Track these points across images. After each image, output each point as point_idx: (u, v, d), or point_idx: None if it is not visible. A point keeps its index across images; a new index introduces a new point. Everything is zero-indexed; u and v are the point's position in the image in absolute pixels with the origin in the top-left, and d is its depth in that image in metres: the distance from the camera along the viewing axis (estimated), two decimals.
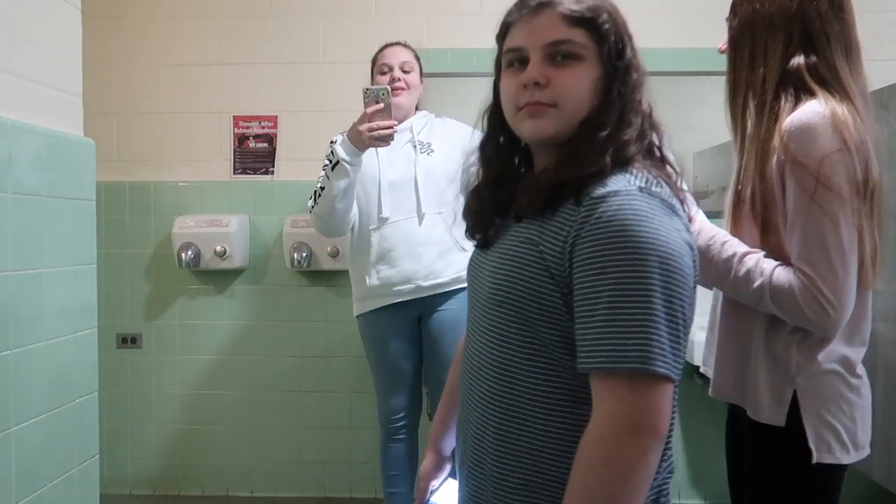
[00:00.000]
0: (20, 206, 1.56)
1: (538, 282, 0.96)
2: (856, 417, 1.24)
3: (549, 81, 1.00)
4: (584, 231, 0.92)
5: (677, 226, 0.93)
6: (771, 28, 1.25)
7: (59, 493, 1.70)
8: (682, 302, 0.91)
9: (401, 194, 2.25)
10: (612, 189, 0.93)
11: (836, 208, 1.15)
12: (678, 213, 0.95)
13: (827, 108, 1.17)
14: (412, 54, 2.37)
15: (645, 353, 0.87)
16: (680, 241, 0.92)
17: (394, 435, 2.40)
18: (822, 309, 1.16)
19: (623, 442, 0.88)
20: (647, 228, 0.89)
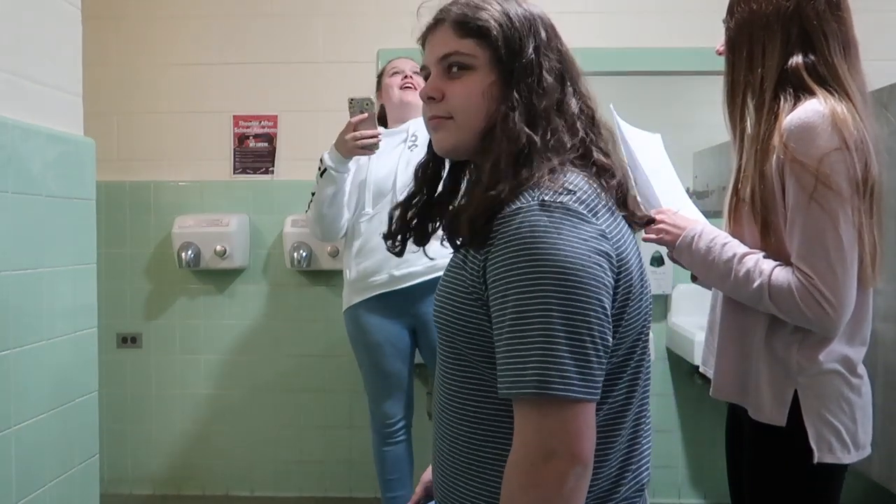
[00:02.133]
0: (20, 205, 1.56)
1: (466, 306, 0.94)
2: (856, 417, 1.24)
3: (443, 95, 1.00)
4: (491, 253, 0.90)
5: (584, 235, 0.88)
6: (768, 28, 1.25)
7: (59, 493, 1.70)
8: (587, 316, 0.86)
9: (384, 189, 2.28)
10: (516, 206, 0.90)
11: (836, 207, 1.15)
12: (589, 220, 0.90)
13: (826, 107, 1.17)
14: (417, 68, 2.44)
15: (541, 376, 0.84)
16: (585, 251, 0.87)
17: (389, 439, 2.39)
18: (822, 308, 1.16)
19: (537, 468, 0.85)
20: (543, 244, 0.86)
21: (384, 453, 2.40)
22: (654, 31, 2.93)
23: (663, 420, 2.98)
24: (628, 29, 2.94)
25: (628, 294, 0.92)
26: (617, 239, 0.92)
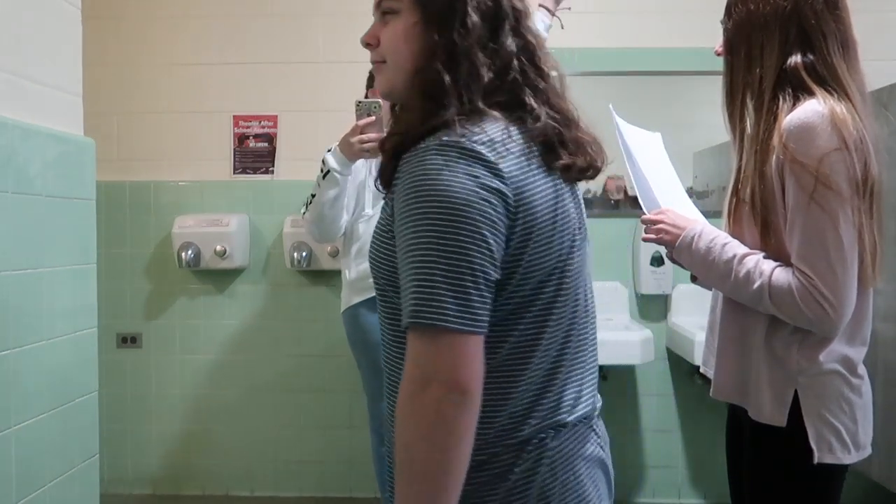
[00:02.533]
0: (20, 205, 1.56)
1: (386, 245, 0.97)
2: (857, 417, 1.24)
3: (378, 41, 1.03)
4: (395, 192, 0.93)
5: (476, 173, 0.88)
6: (766, 28, 1.25)
7: (59, 493, 1.70)
8: (468, 251, 0.86)
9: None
10: (418, 147, 0.92)
11: (836, 207, 1.15)
12: (484, 159, 0.89)
13: (825, 107, 1.17)
14: None
15: (417, 306, 0.86)
16: (473, 188, 0.87)
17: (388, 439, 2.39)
18: (822, 309, 1.16)
19: (417, 396, 0.87)
20: (432, 181, 0.88)
21: (383, 453, 2.40)
22: (654, 31, 2.93)
23: (663, 420, 2.98)
24: (628, 29, 2.94)
25: (528, 234, 0.92)
26: (519, 180, 0.92)
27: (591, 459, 1.01)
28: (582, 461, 0.99)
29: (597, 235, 2.91)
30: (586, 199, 2.95)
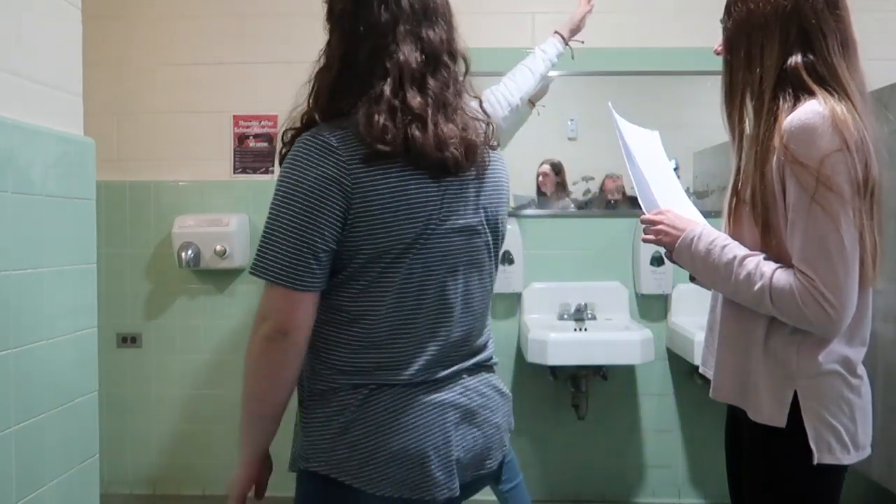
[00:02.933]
0: (20, 205, 1.56)
1: None
2: (856, 418, 1.24)
3: None
4: None
5: (325, 162, 1.08)
6: (767, 28, 1.24)
7: (59, 493, 1.70)
8: (298, 222, 1.07)
9: None
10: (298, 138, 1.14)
11: (837, 208, 1.15)
12: (335, 154, 1.08)
13: (826, 108, 1.17)
14: None
15: (255, 261, 1.10)
16: (316, 175, 1.08)
17: None
18: (823, 311, 1.16)
19: (253, 332, 1.13)
20: (289, 166, 1.11)
21: None
22: (654, 31, 2.93)
23: (663, 420, 2.98)
24: (628, 29, 2.94)
25: (362, 218, 1.08)
26: (361, 173, 1.08)
27: (408, 424, 1.13)
28: (402, 418, 1.13)
29: (597, 235, 2.94)
30: (586, 200, 2.95)
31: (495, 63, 2.94)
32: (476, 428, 1.19)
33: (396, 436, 1.12)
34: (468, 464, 1.18)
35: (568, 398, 2.89)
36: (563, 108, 2.92)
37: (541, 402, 2.97)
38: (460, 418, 1.17)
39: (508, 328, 2.96)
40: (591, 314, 2.86)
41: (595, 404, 2.89)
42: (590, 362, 2.66)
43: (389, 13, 1.13)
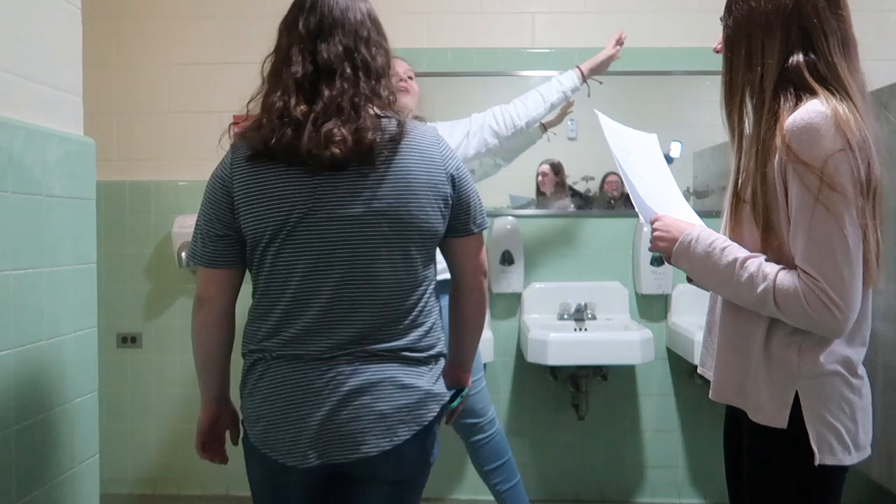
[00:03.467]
0: (20, 205, 1.56)
1: None
2: (857, 418, 1.24)
3: None
4: None
5: (221, 164, 1.37)
6: (768, 26, 1.24)
7: (59, 492, 1.70)
8: (204, 216, 1.39)
9: None
10: None
11: (841, 208, 1.14)
12: (234, 155, 1.35)
13: (828, 108, 1.16)
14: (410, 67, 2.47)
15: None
16: (213, 175, 1.37)
17: None
18: (828, 311, 1.15)
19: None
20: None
21: None
22: (654, 31, 2.93)
23: (663, 420, 2.98)
24: (628, 29, 2.94)
25: (241, 208, 1.31)
26: (241, 169, 1.31)
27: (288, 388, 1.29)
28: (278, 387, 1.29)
29: (597, 235, 2.94)
30: (586, 198, 2.96)
31: (495, 63, 2.95)
32: (344, 410, 1.26)
33: (267, 403, 1.30)
34: (334, 442, 1.26)
35: (568, 398, 2.89)
36: None
37: (541, 402, 2.97)
38: (326, 397, 1.26)
39: (508, 328, 2.96)
40: (591, 314, 2.86)
41: (595, 404, 2.89)
42: (590, 362, 2.66)
43: (289, 37, 1.36)
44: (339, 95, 1.27)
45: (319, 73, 1.29)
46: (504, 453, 2.37)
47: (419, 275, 1.33)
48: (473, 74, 2.93)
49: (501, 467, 2.37)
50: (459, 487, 3.01)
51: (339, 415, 1.26)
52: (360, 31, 1.35)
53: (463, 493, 3.01)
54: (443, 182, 1.33)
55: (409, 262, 1.31)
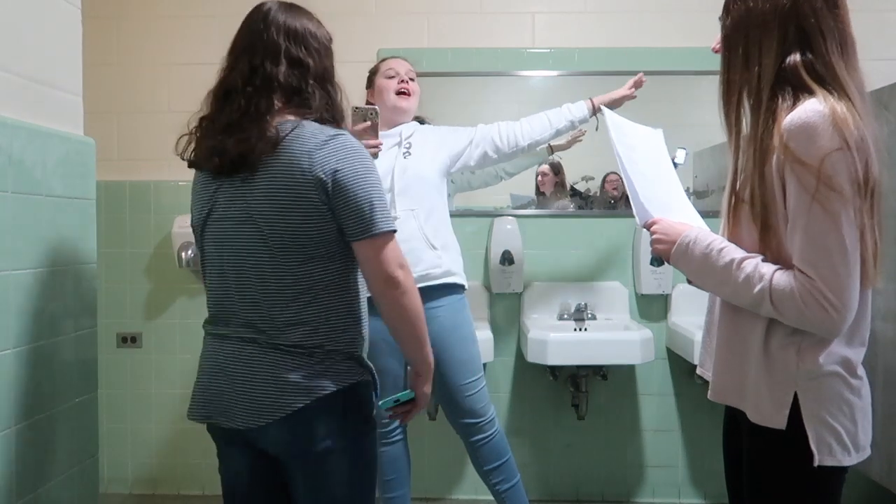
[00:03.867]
0: (20, 205, 1.56)
1: None
2: (856, 419, 1.23)
3: None
4: None
5: None
6: (765, 26, 1.24)
7: (59, 492, 1.70)
8: None
9: None
10: None
11: (839, 208, 1.14)
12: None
13: (826, 107, 1.16)
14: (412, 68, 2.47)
15: None
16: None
17: (384, 439, 2.37)
18: (825, 311, 1.15)
19: None
20: None
21: (381, 454, 2.39)
22: (654, 31, 2.93)
23: (663, 420, 2.98)
24: (628, 29, 2.95)
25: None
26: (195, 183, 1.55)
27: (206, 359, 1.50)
28: (204, 358, 1.51)
29: (597, 235, 2.94)
30: (587, 198, 2.96)
31: (495, 63, 2.95)
32: (223, 382, 1.44)
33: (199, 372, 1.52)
34: (216, 410, 1.45)
35: (568, 398, 2.89)
36: None
37: (541, 402, 2.97)
38: (211, 369, 1.47)
39: (508, 328, 2.96)
40: (591, 314, 2.86)
41: (595, 404, 2.89)
42: (590, 362, 2.66)
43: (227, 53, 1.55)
44: (236, 110, 1.44)
45: (227, 88, 1.48)
46: (504, 453, 2.37)
47: (298, 273, 1.41)
48: (473, 74, 2.93)
49: (501, 467, 2.37)
50: (459, 487, 3.01)
51: (225, 387, 1.44)
52: (272, 48, 1.47)
53: (463, 493, 3.01)
54: (310, 187, 1.38)
55: (283, 262, 1.40)
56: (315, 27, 1.55)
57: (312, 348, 1.42)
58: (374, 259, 1.43)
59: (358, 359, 1.49)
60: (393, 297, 1.45)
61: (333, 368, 1.43)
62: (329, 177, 1.38)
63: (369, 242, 1.41)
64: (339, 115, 1.49)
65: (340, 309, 1.46)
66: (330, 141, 1.41)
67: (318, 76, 1.49)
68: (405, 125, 2.40)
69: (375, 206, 1.41)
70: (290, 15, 1.52)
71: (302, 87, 1.46)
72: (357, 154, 1.42)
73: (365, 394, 1.49)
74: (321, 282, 1.43)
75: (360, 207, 1.40)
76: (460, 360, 2.29)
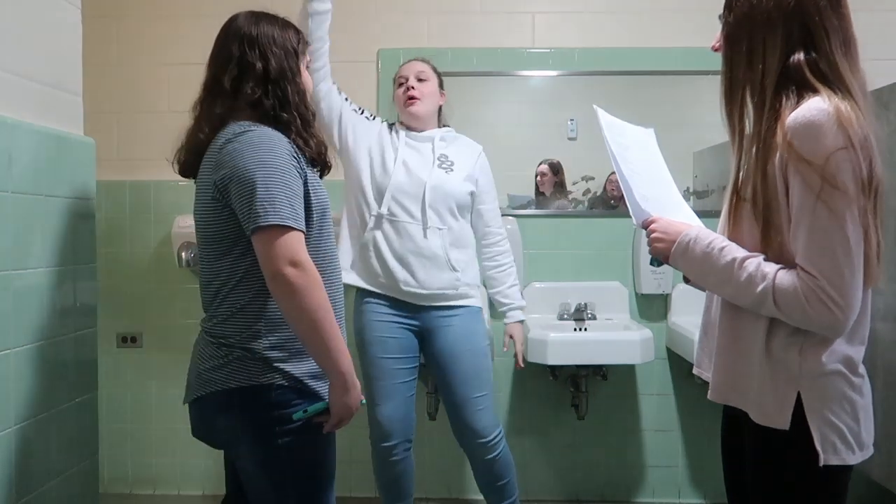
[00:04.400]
0: (20, 205, 1.56)
1: None
2: (859, 417, 1.23)
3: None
4: None
5: None
6: (769, 24, 1.23)
7: (59, 492, 1.70)
8: None
9: (408, 199, 2.26)
10: None
11: (843, 207, 1.13)
12: None
13: (830, 106, 1.15)
14: (429, 66, 2.42)
15: None
16: None
17: (387, 457, 2.31)
18: (829, 311, 1.15)
19: None
20: None
21: (382, 471, 2.36)
22: (653, 31, 2.93)
23: (663, 420, 2.98)
24: (628, 29, 2.94)
25: None
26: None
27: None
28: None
29: (597, 235, 2.94)
30: (586, 199, 2.96)
31: (495, 63, 2.95)
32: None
33: None
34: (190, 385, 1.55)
35: (568, 398, 2.89)
36: (563, 108, 2.92)
37: (541, 402, 2.97)
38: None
39: None
40: (591, 314, 2.86)
41: (595, 404, 2.89)
42: (590, 362, 2.66)
43: None
44: (198, 117, 1.58)
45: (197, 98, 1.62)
46: (506, 474, 2.34)
47: (215, 268, 1.48)
48: (473, 74, 2.92)
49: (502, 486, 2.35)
50: (459, 487, 3.01)
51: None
52: (226, 57, 1.54)
53: (463, 494, 3.01)
54: (212, 185, 1.47)
55: (205, 257, 1.51)
56: (279, 31, 1.57)
57: (221, 341, 1.47)
58: (262, 254, 1.39)
59: (266, 360, 1.44)
60: (283, 295, 1.39)
61: (234, 365, 1.45)
62: (222, 174, 1.43)
63: (257, 237, 1.39)
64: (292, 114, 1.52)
65: (249, 307, 1.45)
66: (233, 139, 1.44)
67: (275, 78, 1.52)
68: (440, 132, 2.39)
69: (262, 199, 1.37)
70: (251, 22, 1.56)
71: (247, 91, 1.50)
72: (252, 148, 1.42)
73: (277, 398, 1.44)
74: (232, 278, 1.46)
75: (247, 201, 1.40)
76: (467, 373, 2.27)
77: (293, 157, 1.45)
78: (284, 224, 1.38)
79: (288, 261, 1.37)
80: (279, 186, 1.40)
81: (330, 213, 1.59)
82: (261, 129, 1.45)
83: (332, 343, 1.41)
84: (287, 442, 1.45)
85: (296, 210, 1.41)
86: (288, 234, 1.38)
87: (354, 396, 1.47)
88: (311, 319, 1.39)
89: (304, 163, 1.49)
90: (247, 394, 1.44)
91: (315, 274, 1.40)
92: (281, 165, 1.41)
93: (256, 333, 1.45)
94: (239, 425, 1.47)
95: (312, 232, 1.49)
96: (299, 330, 1.41)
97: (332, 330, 1.41)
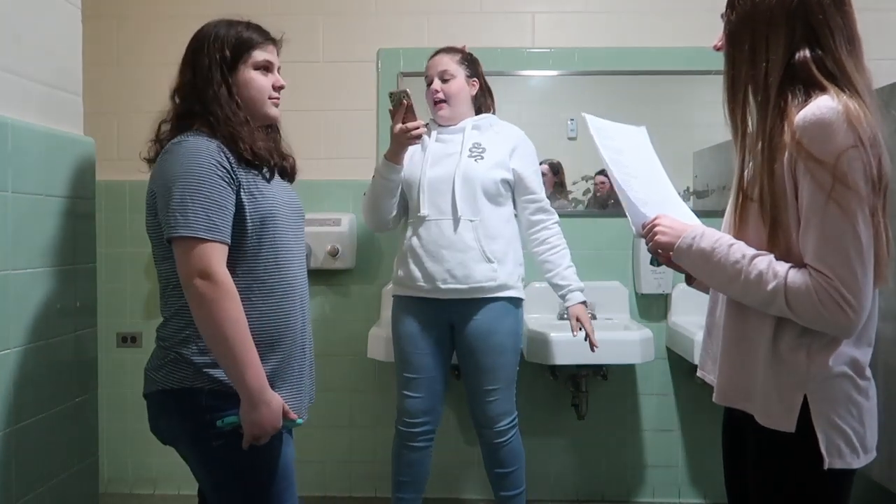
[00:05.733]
0: (20, 205, 1.56)
1: None
2: (864, 420, 1.22)
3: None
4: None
5: None
6: (772, 21, 1.22)
7: (59, 492, 1.70)
8: None
9: (439, 195, 2.27)
10: None
11: (854, 206, 1.12)
12: None
13: (839, 104, 1.14)
14: (455, 59, 2.38)
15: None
16: None
17: (409, 441, 2.35)
18: (841, 310, 1.14)
19: None
20: None
21: (402, 455, 2.37)
22: (654, 31, 2.93)
23: (663, 420, 2.98)
24: (628, 29, 2.94)
25: None
26: None
27: None
28: None
29: (597, 235, 2.94)
30: (586, 199, 2.96)
31: (495, 63, 2.95)
32: None
33: None
34: None
35: (568, 398, 2.89)
36: (563, 108, 2.91)
37: (541, 402, 2.96)
38: None
39: None
40: (592, 314, 2.86)
41: (595, 404, 2.89)
42: (590, 362, 2.65)
43: None
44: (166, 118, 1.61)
45: None
46: (513, 462, 2.36)
47: (160, 270, 1.54)
48: None
49: (509, 475, 2.36)
50: (459, 487, 3.01)
51: None
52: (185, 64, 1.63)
53: (463, 493, 3.00)
54: (150, 194, 1.49)
55: (155, 258, 1.55)
56: (223, 30, 1.64)
57: (160, 343, 1.54)
58: (177, 264, 1.41)
59: (194, 365, 1.45)
60: (193, 305, 1.38)
61: (169, 367, 1.49)
62: (152, 184, 1.47)
63: (174, 247, 1.41)
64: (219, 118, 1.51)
65: (182, 311, 1.47)
66: (167, 150, 1.48)
67: (201, 86, 1.57)
68: (471, 121, 2.36)
69: (175, 209, 1.38)
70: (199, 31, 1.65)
71: (177, 101, 1.61)
72: (175, 158, 1.44)
73: (206, 402, 1.45)
74: (170, 282, 1.50)
75: (164, 211, 1.41)
76: (483, 368, 2.28)
77: (220, 167, 1.42)
78: (195, 236, 1.37)
79: (198, 272, 1.37)
80: (195, 197, 1.38)
81: (286, 218, 1.54)
82: (191, 140, 1.46)
83: (241, 357, 1.38)
84: (221, 444, 1.46)
85: (212, 220, 1.38)
86: (201, 246, 1.37)
87: (265, 414, 1.40)
88: (219, 332, 1.37)
89: (239, 170, 1.46)
90: (180, 396, 1.47)
91: (228, 286, 1.38)
92: (201, 175, 1.40)
93: (187, 338, 1.46)
94: (177, 426, 1.53)
95: (248, 241, 1.46)
96: (207, 341, 1.41)
97: (242, 344, 1.38)
